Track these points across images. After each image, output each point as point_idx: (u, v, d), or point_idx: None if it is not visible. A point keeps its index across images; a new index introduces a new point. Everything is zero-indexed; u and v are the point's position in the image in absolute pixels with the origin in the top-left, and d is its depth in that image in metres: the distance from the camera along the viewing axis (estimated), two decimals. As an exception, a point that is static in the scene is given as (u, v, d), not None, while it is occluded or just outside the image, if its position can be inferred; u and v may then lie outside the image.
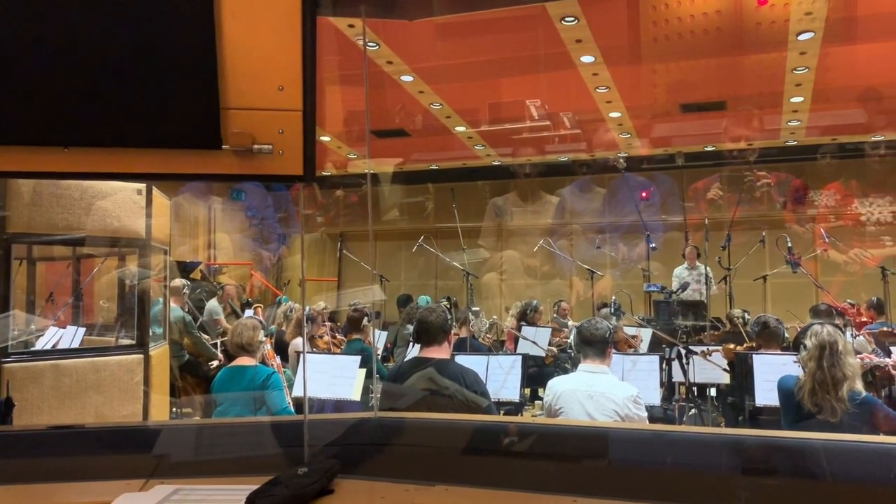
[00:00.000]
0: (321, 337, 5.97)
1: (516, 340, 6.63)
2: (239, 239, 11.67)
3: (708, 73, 7.46)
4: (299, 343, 5.65)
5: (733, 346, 4.84)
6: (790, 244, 6.25)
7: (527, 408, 5.59)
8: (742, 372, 4.34)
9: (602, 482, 1.62)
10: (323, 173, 10.78)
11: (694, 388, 5.06)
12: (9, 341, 3.63)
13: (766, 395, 3.86)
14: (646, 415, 3.15)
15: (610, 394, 3.05)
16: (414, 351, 3.43)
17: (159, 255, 4.75)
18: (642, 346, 5.97)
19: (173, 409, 5.37)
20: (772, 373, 3.75)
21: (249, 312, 8.05)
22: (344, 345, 5.63)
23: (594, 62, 7.02)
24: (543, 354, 6.16)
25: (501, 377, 4.32)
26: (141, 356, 4.09)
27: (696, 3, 5.93)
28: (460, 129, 9.59)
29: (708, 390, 5.12)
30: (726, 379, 4.81)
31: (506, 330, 7.48)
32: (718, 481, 1.59)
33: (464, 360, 4.12)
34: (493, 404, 3.20)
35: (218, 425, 2.30)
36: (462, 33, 6.42)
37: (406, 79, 7.66)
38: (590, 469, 1.74)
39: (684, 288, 7.93)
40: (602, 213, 11.08)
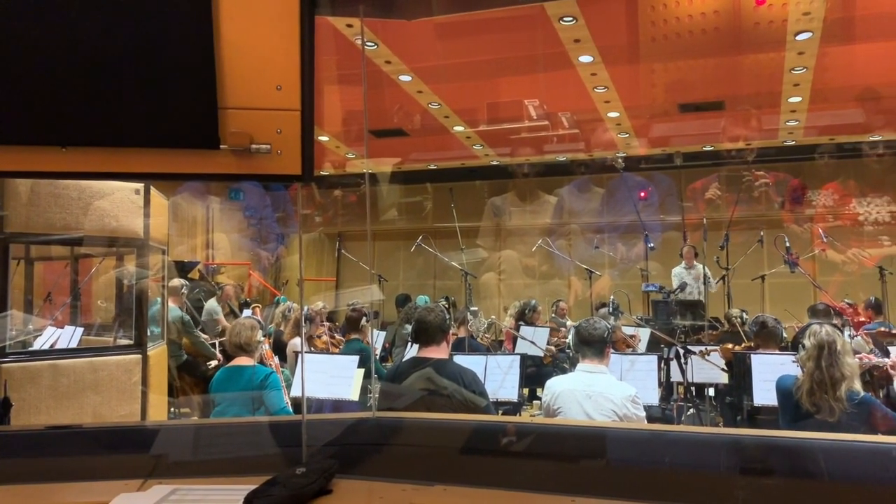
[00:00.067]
0: (319, 337, 5.96)
1: (515, 340, 6.63)
2: (237, 239, 11.66)
3: (706, 73, 7.46)
4: (297, 343, 5.64)
5: (731, 345, 4.83)
6: (788, 244, 6.25)
7: (525, 408, 5.59)
8: (740, 372, 4.34)
9: (600, 482, 1.62)
10: (321, 173, 10.76)
11: (692, 388, 5.07)
12: (6, 341, 3.63)
13: (765, 394, 3.86)
14: (644, 414, 3.15)
15: (608, 394, 3.05)
16: (412, 351, 3.42)
17: (157, 254, 4.75)
18: (640, 345, 5.97)
19: (171, 409, 5.36)
20: (770, 372, 3.76)
21: (247, 312, 8.03)
22: (342, 345, 5.62)
23: (592, 62, 7.02)
24: (542, 354, 6.16)
25: (500, 377, 4.33)
26: (139, 356, 4.09)
27: (694, 3, 5.93)
28: (459, 128, 9.58)
29: (706, 390, 5.11)
30: (724, 379, 4.81)
31: (504, 330, 7.48)
32: (717, 481, 1.59)
33: (462, 359, 4.13)
34: (491, 404, 3.21)
35: (216, 425, 2.30)
36: (460, 33, 6.42)
37: (404, 78, 7.65)
38: (588, 469, 1.74)
39: (683, 288, 7.94)
40: (600, 212, 11.07)
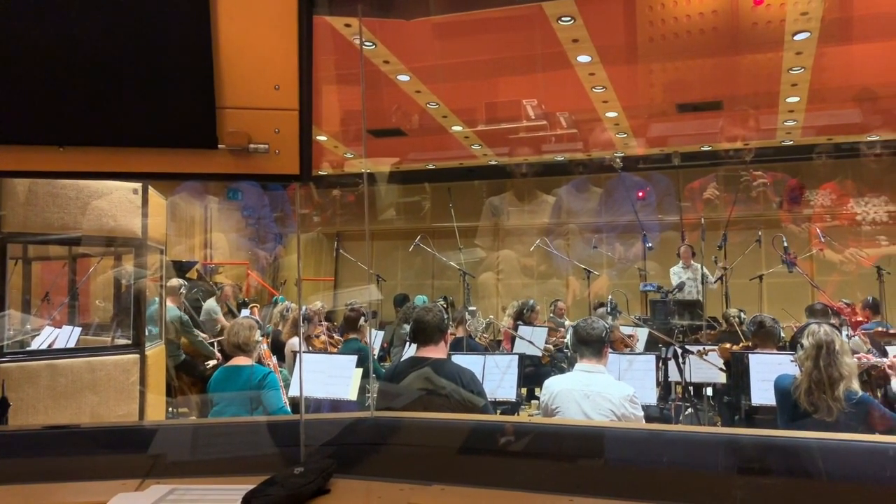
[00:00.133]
0: (318, 336, 5.96)
1: (513, 340, 6.63)
2: (235, 238, 11.64)
3: (704, 72, 7.47)
4: (296, 343, 5.64)
5: (729, 345, 4.83)
6: (786, 244, 6.26)
7: (523, 407, 5.60)
8: (738, 371, 4.35)
9: (598, 481, 1.62)
10: (319, 173, 10.74)
11: (690, 388, 5.06)
12: (4, 341, 3.63)
13: (762, 394, 3.87)
14: (642, 414, 3.15)
15: (606, 393, 3.05)
16: (410, 350, 3.42)
17: (155, 254, 4.74)
18: (639, 345, 5.97)
19: (169, 408, 5.35)
20: (768, 372, 3.76)
21: (246, 312, 8.02)
22: (340, 344, 5.62)
23: (591, 62, 7.02)
24: (540, 354, 6.16)
25: (498, 377, 4.33)
26: (137, 356, 4.08)
27: (692, 3, 5.93)
28: (457, 128, 9.58)
29: (704, 390, 5.12)
30: (722, 378, 4.82)
31: (502, 329, 7.48)
32: (715, 480, 1.59)
33: (460, 359, 4.13)
34: (489, 404, 3.20)
35: (214, 425, 2.30)
36: (459, 33, 6.42)
37: (402, 78, 7.65)
38: (586, 468, 1.74)
39: (681, 287, 7.94)
40: (598, 212, 11.07)
